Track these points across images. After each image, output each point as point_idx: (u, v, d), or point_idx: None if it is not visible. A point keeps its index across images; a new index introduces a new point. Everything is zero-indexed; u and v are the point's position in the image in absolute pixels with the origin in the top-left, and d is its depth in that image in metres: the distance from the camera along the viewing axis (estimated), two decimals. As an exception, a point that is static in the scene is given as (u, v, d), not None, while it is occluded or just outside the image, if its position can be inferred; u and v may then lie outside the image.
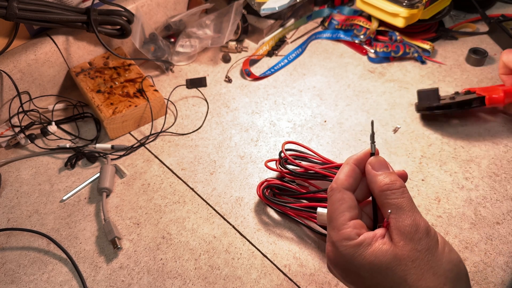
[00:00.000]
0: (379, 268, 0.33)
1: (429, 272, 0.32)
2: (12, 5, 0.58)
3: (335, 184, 0.38)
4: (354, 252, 0.34)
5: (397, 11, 0.73)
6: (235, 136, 0.67)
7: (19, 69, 0.65)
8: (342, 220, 0.35)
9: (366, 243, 0.34)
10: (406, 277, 0.32)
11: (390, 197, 0.35)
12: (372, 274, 0.33)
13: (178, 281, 0.51)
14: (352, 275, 0.35)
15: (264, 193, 0.55)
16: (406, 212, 0.34)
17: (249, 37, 0.84)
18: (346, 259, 0.34)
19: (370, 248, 0.33)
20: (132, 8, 0.72)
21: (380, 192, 0.36)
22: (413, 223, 0.33)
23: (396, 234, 0.33)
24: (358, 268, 0.34)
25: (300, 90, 0.74)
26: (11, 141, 0.65)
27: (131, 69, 0.71)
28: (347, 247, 0.34)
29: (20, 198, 0.60)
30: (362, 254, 0.33)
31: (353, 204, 0.37)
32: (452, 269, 0.33)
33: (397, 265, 0.32)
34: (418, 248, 0.32)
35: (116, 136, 0.67)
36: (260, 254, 0.53)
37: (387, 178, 0.36)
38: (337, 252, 0.35)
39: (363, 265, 0.33)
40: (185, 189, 0.60)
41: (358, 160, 0.39)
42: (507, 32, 0.78)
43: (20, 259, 0.53)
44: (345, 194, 0.37)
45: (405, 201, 0.34)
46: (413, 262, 0.32)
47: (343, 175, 0.38)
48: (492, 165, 0.61)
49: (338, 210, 0.36)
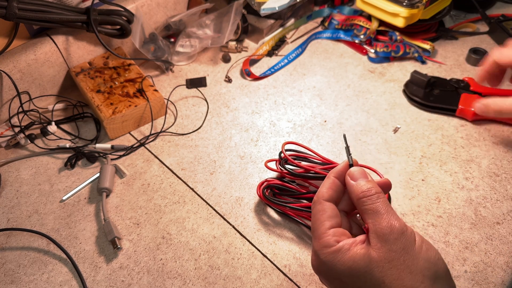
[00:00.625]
0: (358, 272, 0.33)
1: (405, 272, 0.32)
2: (12, 5, 0.58)
3: (316, 197, 0.39)
4: (333, 258, 0.35)
5: (397, 11, 0.73)
6: (235, 136, 0.67)
7: (19, 69, 0.65)
8: (322, 229, 0.37)
9: (345, 249, 0.35)
10: (384, 278, 0.32)
11: (366, 203, 0.36)
12: (352, 279, 0.34)
13: (178, 281, 0.51)
14: (335, 281, 0.36)
15: (264, 193, 0.55)
16: (381, 215, 0.35)
17: (249, 37, 0.84)
18: (327, 266, 0.35)
19: (348, 253, 0.34)
20: (132, 8, 0.72)
21: (357, 200, 0.37)
22: (388, 225, 0.34)
23: (373, 237, 0.34)
24: (339, 274, 0.35)
25: (300, 90, 0.74)
26: (11, 141, 0.65)
27: (131, 69, 0.71)
28: (327, 254, 0.35)
29: (20, 198, 0.60)
30: (341, 259, 0.34)
31: (333, 214, 0.38)
32: (429, 267, 0.33)
33: (374, 267, 0.33)
34: (394, 249, 0.33)
35: (116, 136, 0.67)
36: (260, 254, 0.53)
37: (364, 186, 0.37)
38: (318, 260, 0.36)
39: (343, 271, 0.34)
40: (185, 189, 0.60)
41: (338, 173, 0.41)
42: (507, 32, 0.78)
43: (20, 259, 0.53)
44: (325, 205, 0.38)
45: (380, 205, 0.36)
46: (389, 263, 0.33)
47: (324, 188, 0.40)
48: (492, 165, 0.61)
49: (319, 220, 0.37)
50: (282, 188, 0.56)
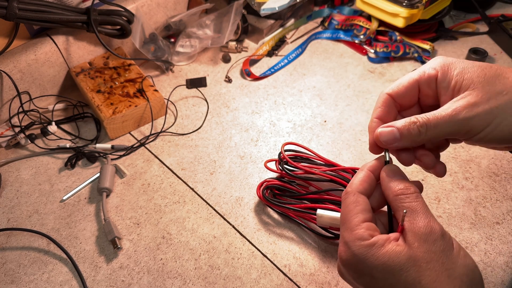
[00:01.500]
0: (393, 269, 0.32)
1: (443, 275, 0.31)
2: (12, 5, 0.58)
3: (349, 188, 0.38)
4: (367, 252, 0.33)
5: (397, 11, 0.73)
6: (235, 136, 0.67)
7: (19, 69, 0.65)
8: (356, 221, 0.35)
9: (379, 244, 0.33)
10: (420, 278, 0.31)
11: (404, 201, 0.35)
12: (385, 275, 0.33)
13: (178, 281, 0.51)
14: (364, 276, 0.34)
15: (264, 194, 0.55)
16: (420, 214, 0.34)
17: (249, 37, 0.84)
18: (358, 258, 0.34)
19: (383, 249, 0.33)
20: (132, 8, 0.72)
21: (394, 197, 0.36)
22: (427, 225, 0.33)
23: (410, 236, 0.33)
24: (370, 268, 0.33)
25: (300, 90, 0.74)
26: (11, 141, 0.65)
27: (131, 69, 0.72)
28: (360, 247, 0.34)
29: (20, 198, 0.60)
30: (375, 254, 0.33)
31: (367, 208, 0.37)
32: (467, 274, 0.32)
33: (411, 266, 0.32)
34: (433, 250, 0.32)
35: (116, 136, 0.67)
36: (260, 254, 0.53)
37: (401, 184, 0.36)
38: (349, 252, 0.35)
39: (375, 266, 0.33)
40: (185, 189, 0.60)
41: (373, 167, 0.39)
42: (507, 32, 0.78)
43: (20, 259, 0.53)
44: (359, 197, 0.37)
45: (419, 204, 0.35)
46: (427, 264, 0.32)
47: (357, 180, 0.38)
48: (492, 165, 0.61)
49: (352, 212, 0.36)
50: (282, 188, 0.56)
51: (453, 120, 0.34)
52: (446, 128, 0.34)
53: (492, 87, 0.34)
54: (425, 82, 0.37)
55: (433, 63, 0.38)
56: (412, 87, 0.38)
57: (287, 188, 0.55)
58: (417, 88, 0.38)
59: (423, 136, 0.35)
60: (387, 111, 0.39)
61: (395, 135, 0.36)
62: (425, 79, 0.37)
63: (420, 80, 0.38)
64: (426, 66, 0.38)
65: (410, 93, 0.38)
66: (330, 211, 0.51)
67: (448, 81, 0.36)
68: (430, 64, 0.38)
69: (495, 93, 0.33)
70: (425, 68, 0.38)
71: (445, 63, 0.37)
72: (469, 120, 0.33)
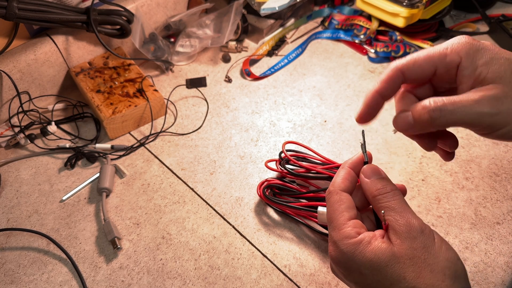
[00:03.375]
0: (379, 266, 0.33)
1: (426, 270, 0.32)
2: (11, 5, 0.58)
3: (332, 187, 0.39)
4: (355, 250, 0.34)
5: (397, 11, 0.73)
6: (235, 136, 0.67)
7: (18, 69, 0.65)
8: (341, 220, 0.36)
9: (366, 241, 0.34)
10: (405, 274, 0.32)
11: (381, 201, 0.36)
12: (372, 272, 0.34)
13: (178, 281, 0.51)
14: (354, 273, 0.35)
15: (264, 193, 0.55)
16: (398, 212, 0.35)
17: (249, 37, 0.84)
18: (347, 256, 0.35)
19: (369, 246, 0.34)
20: (132, 8, 0.72)
21: (372, 198, 0.37)
22: (406, 223, 0.34)
23: (392, 233, 0.34)
24: (359, 265, 0.34)
25: (300, 90, 0.74)
26: (10, 141, 0.65)
27: (131, 69, 0.71)
28: (348, 245, 0.35)
29: (19, 198, 0.60)
30: (362, 251, 0.34)
31: (351, 205, 0.38)
32: (449, 267, 0.33)
33: (395, 263, 0.33)
34: (414, 246, 0.33)
35: (116, 136, 0.67)
36: (260, 254, 0.53)
37: (378, 184, 0.37)
38: (338, 250, 0.36)
39: (363, 263, 0.34)
40: (185, 189, 0.60)
41: (353, 164, 0.40)
42: (507, 32, 0.78)
43: (20, 259, 0.53)
44: (342, 195, 0.38)
45: (396, 202, 0.35)
46: (410, 260, 0.33)
47: (339, 178, 0.39)
48: (492, 165, 0.61)
49: (338, 211, 0.37)
50: (282, 188, 0.56)
51: (474, 112, 0.32)
52: (464, 117, 0.32)
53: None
54: (445, 66, 0.34)
55: (457, 47, 0.33)
56: (428, 68, 0.35)
57: (288, 187, 0.55)
58: (433, 70, 0.35)
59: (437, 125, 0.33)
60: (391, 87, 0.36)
61: (409, 121, 0.35)
62: (445, 64, 0.34)
63: (439, 63, 0.34)
64: (449, 49, 0.34)
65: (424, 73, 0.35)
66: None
67: (472, 69, 0.33)
68: (453, 47, 0.34)
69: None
70: (447, 50, 0.34)
71: (470, 49, 0.33)
72: (492, 115, 0.32)
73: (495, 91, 0.32)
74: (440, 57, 0.34)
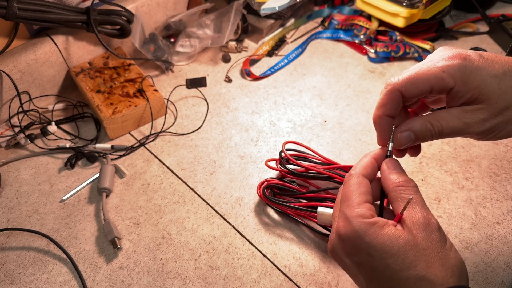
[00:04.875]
0: (391, 250, 0.33)
1: (437, 262, 0.33)
2: (12, 5, 0.58)
3: (353, 171, 0.39)
4: (367, 229, 0.34)
5: (397, 11, 0.73)
6: (235, 136, 0.67)
7: (19, 69, 0.65)
8: (358, 200, 0.37)
9: (380, 225, 0.35)
10: (416, 262, 0.33)
11: (404, 192, 0.37)
12: (383, 255, 0.34)
13: (178, 281, 0.51)
14: (361, 252, 0.35)
15: (264, 193, 0.55)
16: (419, 207, 0.36)
17: (249, 37, 0.84)
18: (358, 234, 0.35)
19: (384, 230, 0.34)
20: (132, 8, 0.72)
21: (394, 188, 0.37)
22: (426, 217, 0.35)
23: (410, 223, 0.35)
24: (368, 245, 0.34)
25: (300, 90, 0.74)
26: (11, 141, 0.65)
27: (131, 69, 0.71)
28: (362, 223, 0.35)
29: (20, 198, 0.60)
30: (375, 232, 0.34)
31: (369, 191, 0.38)
32: (458, 266, 0.34)
33: (409, 250, 0.33)
34: (430, 239, 0.34)
35: (116, 136, 0.67)
36: (260, 254, 0.53)
37: (402, 177, 0.38)
38: (350, 226, 0.35)
39: (374, 244, 0.34)
40: (185, 189, 0.60)
41: (377, 155, 0.41)
42: (507, 32, 0.78)
43: (20, 259, 0.53)
44: (363, 180, 0.38)
45: (419, 198, 0.36)
46: (424, 250, 0.33)
47: (362, 164, 0.40)
48: (492, 165, 0.61)
49: (356, 191, 0.37)
50: (282, 188, 0.56)
51: (464, 132, 0.37)
52: (456, 135, 0.38)
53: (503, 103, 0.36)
54: (440, 88, 0.37)
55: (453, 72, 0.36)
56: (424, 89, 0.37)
57: (288, 187, 0.55)
58: (429, 90, 0.37)
59: (434, 139, 0.39)
60: (394, 108, 0.40)
61: (411, 139, 0.39)
62: (440, 86, 0.37)
63: (435, 84, 0.37)
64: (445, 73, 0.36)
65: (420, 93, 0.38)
66: (331, 209, 0.51)
67: (464, 93, 0.36)
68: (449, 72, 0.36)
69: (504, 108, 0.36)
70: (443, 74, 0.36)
71: (464, 74, 0.36)
72: (478, 133, 0.37)
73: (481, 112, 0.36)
74: (437, 80, 0.37)
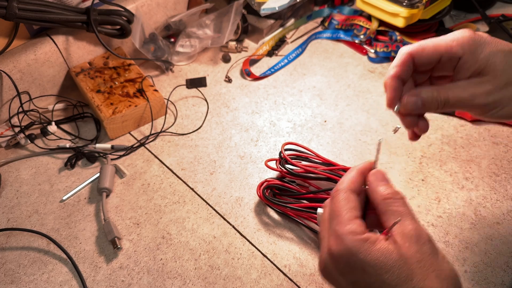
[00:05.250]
0: (385, 265, 0.33)
1: (432, 274, 0.33)
2: (12, 5, 0.58)
3: (340, 186, 0.38)
4: (361, 246, 0.34)
5: (397, 11, 0.73)
6: (235, 136, 0.67)
7: (19, 69, 0.65)
8: (350, 215, 0.36)
9: (372, 241, 0.34)
10: (412, 276, 0.33)
11: (393, 204, 0.36)
12: (378, 271, 0.33)
13: (178, 281, 0.51)
14: (356, 270, 0.34)
15: (264, 194, 0.55)
16: (409, 219, 0.35)
17: (249, 37, 0.84)
18: (352, 252, 0.34)
19: (375, 246, 0.34)
20: (132, 8, 0.72)
21: (382, 200, 0.37)
22: (416, 228, 0.34)
23: (400, 237, 0.34)
24: (363, 263, 0.34)
25: (300, 90, 0.74)
26: (11, 141, 0.65)
27: (131, 69, 0.71)
28: (354, 241, 0.34)
29: (20, 198, 0.60)
30: (368, 249, 0.34)
31: (358, 206, 0.37)
32: (453, 277, 0.34)
33: (403, 264, 0.33)
34: (423, 251, 0.33)
35: (116, 136, 0.67)
36: (260, 254, 0.53)
37: (389, 189, 0.37)
38: (342, 245, 0.35)
39: (368, 261, 0.33)
40: (185, 189, 0.60)
41: (362, 169, 0.40)
42: (507, 32, 0.78)
43: (20, 259, 0.53)
44: (351, 195, 0.38)
45: (407, 210, 0.36)
46: (418, 263, 0.33)
47: (348, 178, 0.39)
48: (492, 165, 0.61)
49: (345, 207, 0.37)
50: (282, 188, 0.56)
51: (469, 103, 0.38)
52: (461, 107, 0.39)
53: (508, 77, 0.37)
54: (448, 57, 0.38)
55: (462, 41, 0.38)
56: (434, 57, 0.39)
57: (287, 187, 0.55)
58: (438, 59, 0.39)
59: (439, 109, 0.39)
60: (406, 70, 0.40)
61: (418, 105, 0.39)
62: (449, 55, 0.38)
63: (445, 53, 0.38)
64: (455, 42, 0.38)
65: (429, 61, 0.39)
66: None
67: (472, 63, 0.37)
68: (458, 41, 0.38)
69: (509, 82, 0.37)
70: (453, 43, 0.38)
71: (473, 45, 0.37)
72: (483, 105, 0.38)
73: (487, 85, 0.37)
74: (447, 48, 0.38)
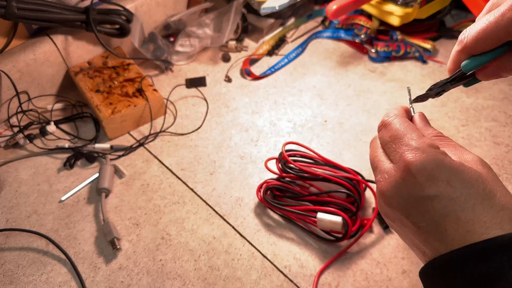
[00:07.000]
0: (470, 179, 0.31)
1: (510, 194, 0.32)
2: (11, 4, 0.58)
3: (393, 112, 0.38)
4: (444, 158, 0.32)
5: (392, 9, 0.73)
6: (235, 136, 0.67)
7: (18, 69, 0.65)
8: (418, 133, 0.34)
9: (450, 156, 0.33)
10: (495, 192, 0.32)
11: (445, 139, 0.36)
12: (464, 184, 0.31)
13: (177, 282, 0.50)
14: (440, 182, 0.32)
15: (264, 196, 0.55)
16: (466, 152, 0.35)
17: (249, 37, 0.83)
18: (437, 162, 0.32)
19: (456, 161, 0.32)
20: (131, 7, 0.72)
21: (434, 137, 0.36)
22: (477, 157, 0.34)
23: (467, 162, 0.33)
24: (449, 175, 0.32)
25: (300, 89, 0.74)
26: (9, 141, 0.65)
27: (130, 69, 0.71)
28: (436, 152, 0.32)
29: (19, 198, 0.60)
30: (451, 162, 0.32)
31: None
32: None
33: (484, 180, 0.32)
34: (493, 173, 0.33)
35: (115, 136, 0.67)
36: (260, 255, 0.53)
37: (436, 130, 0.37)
38: (424, 156, 0.32)
39: (454, 173, 0.32)
40: (184, 190, 0.60)
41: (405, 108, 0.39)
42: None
43: (19, 260, 0.53)
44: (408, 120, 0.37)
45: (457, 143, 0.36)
46: (493, 182, 0.32)
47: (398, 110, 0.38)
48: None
49: (410, 127, 0.35)
50: (282, 189, 0.55)
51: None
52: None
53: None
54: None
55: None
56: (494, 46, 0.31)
57: (288, 188, 0.55)
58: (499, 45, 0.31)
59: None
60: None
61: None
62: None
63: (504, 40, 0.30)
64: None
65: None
66: (331, 215, 0.51)
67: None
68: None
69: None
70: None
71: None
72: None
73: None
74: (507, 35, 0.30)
